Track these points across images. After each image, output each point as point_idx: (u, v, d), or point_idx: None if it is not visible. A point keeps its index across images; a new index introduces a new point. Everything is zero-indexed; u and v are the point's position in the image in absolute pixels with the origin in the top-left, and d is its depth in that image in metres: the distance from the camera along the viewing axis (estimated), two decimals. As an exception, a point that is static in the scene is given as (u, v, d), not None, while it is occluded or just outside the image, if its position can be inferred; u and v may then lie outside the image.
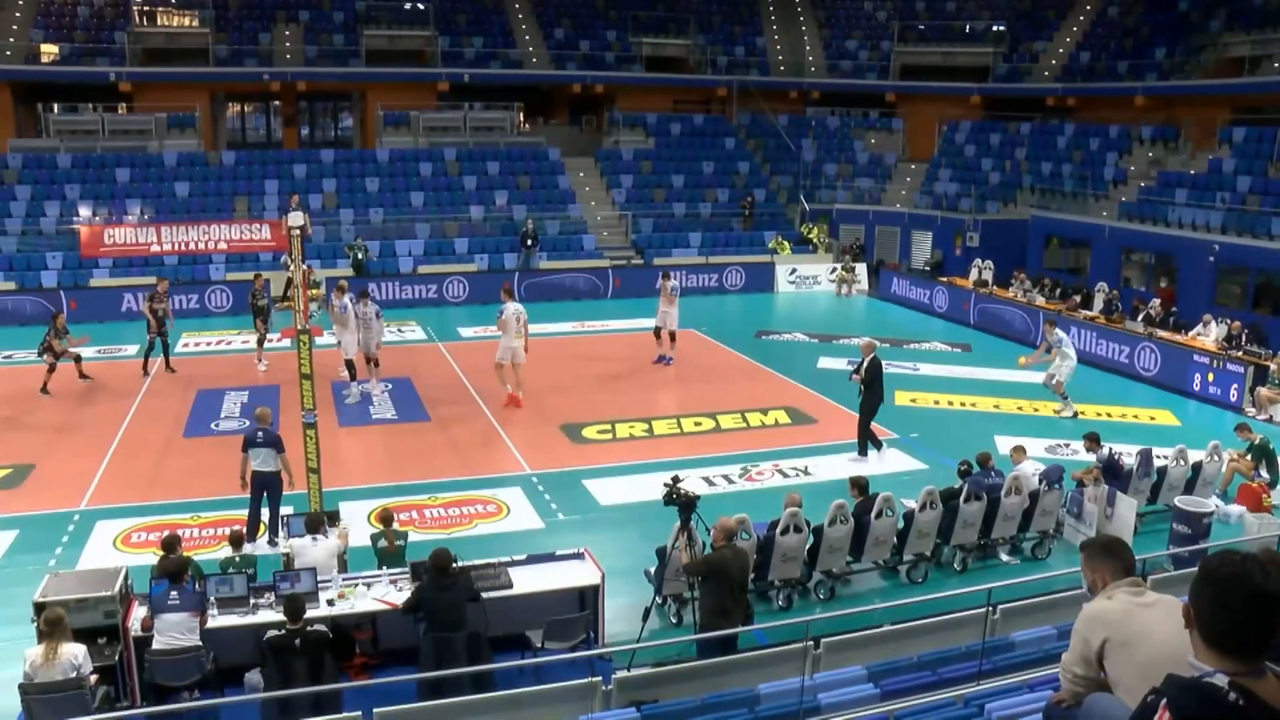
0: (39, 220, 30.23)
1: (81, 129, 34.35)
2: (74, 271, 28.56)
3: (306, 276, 15.14)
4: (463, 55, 37.14)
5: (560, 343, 24.13)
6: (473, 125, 36.73)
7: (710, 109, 40.09)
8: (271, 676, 8.86)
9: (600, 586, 10.13)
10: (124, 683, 9.20)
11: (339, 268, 28.98)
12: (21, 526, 13.47)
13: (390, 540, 11.08)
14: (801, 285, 31.88)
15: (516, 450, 16.45)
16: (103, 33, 35.38)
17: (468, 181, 34.03)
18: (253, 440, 12.40)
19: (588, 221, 33.67)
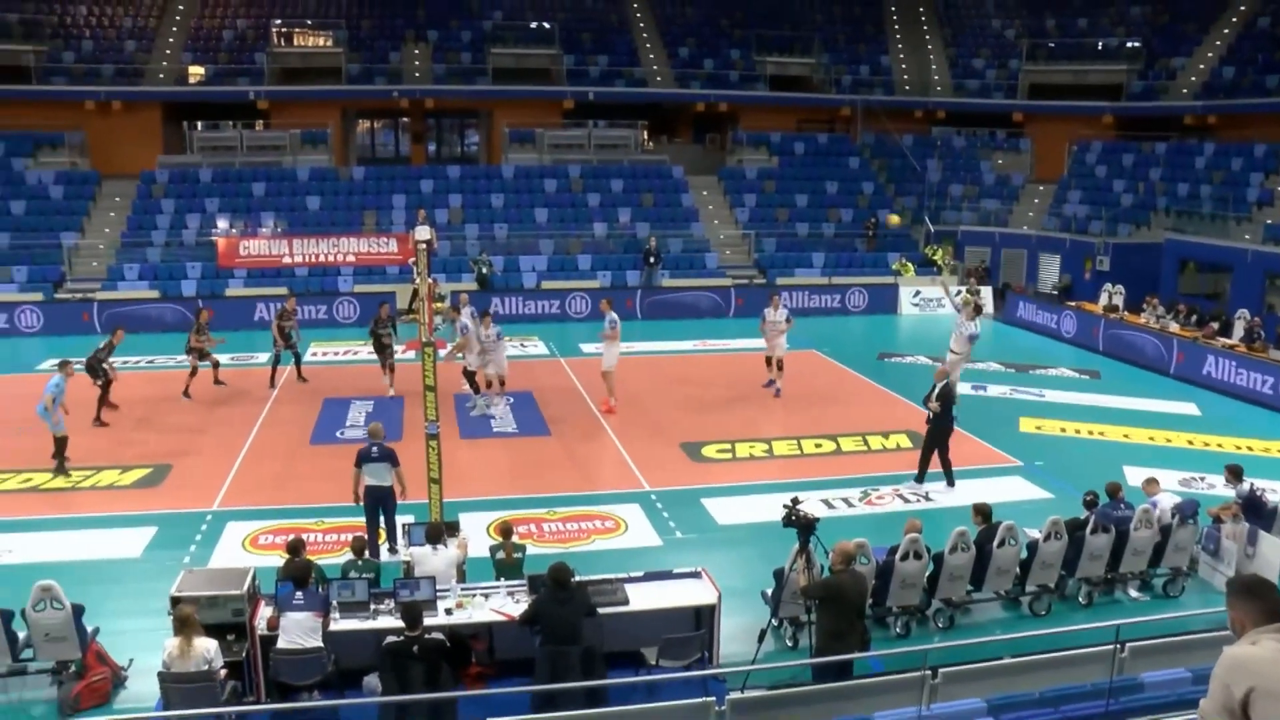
0: (181, 232, 31.52)
1: (222, 145, 35.80)
2: (211, 281, 29.71)
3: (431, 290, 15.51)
4: (587, 74, 37.59)
5: (681, 361, 24.17)
6: (597, 143, 37.16)
7: (834, 128, 39.83)
8: (389, 681, 9.01)
9: (716, 606, 10.05)
10: (250, 678, 9.49)
11: (464, 282, 29.52)
12: (160, 524, 14.06)
13: (509, 552, 11.20)
14: (925, 308, 31.38)
15: (636, 467, 16.50)
16: (244, 54, 36.83)
17: (591, 198, 34.39)
18: (367, 456, 12.56)
19: (710, 240, 33.68)
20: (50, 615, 9.61)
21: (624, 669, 9.77)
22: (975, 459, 16.96)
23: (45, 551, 13.09)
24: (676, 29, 40.49)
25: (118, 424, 18.78)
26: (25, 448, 16.99)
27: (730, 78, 38.58)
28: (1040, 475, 16.18)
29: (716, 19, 41.03)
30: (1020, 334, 28.76)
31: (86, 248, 31.16)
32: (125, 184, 33.38)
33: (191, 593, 9.48)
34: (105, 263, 30.53)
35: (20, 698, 9.78)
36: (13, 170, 33.22)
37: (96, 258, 30.89)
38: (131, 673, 10.03)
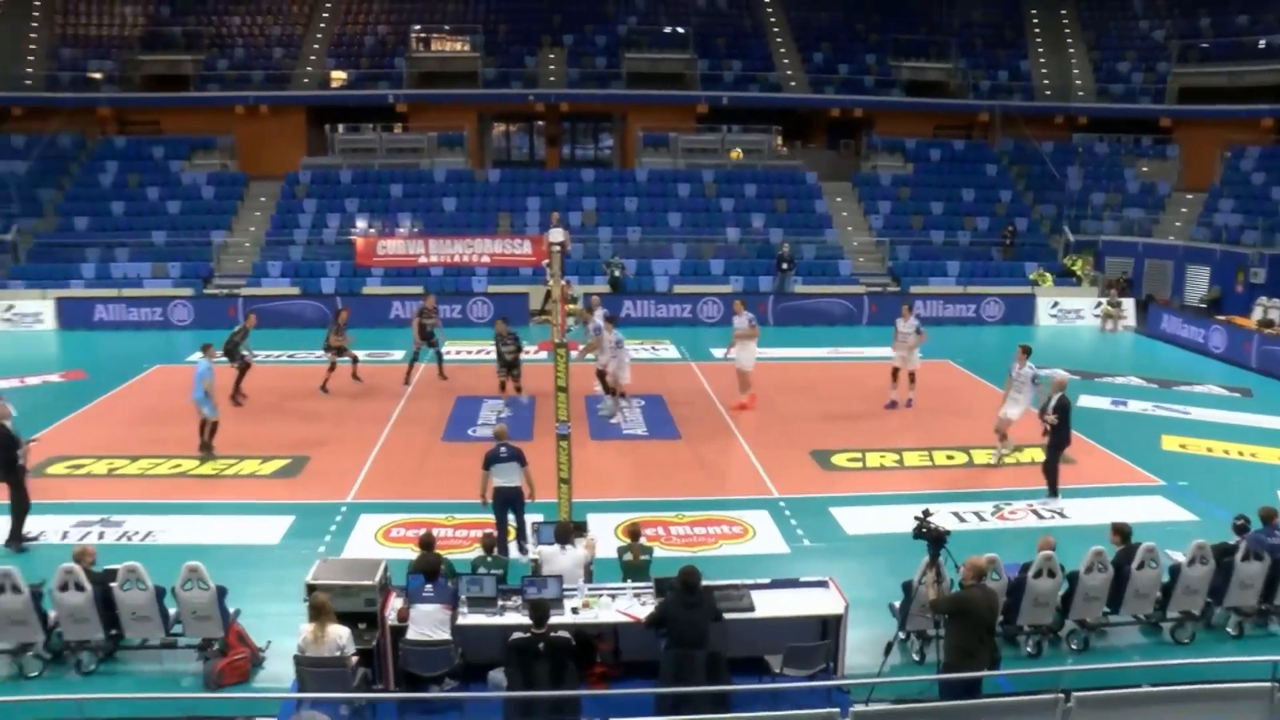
0: (322, 231, 32.55)
1: (362, 147, 36.87)
2: (349, 279, 30.59)
3: (565, 292, 15.70)
4: (722, 78, 37.55)
5: (813, 368, 23.97)
6: (730, 147, 37.05)
7: (971, 134, 38.99)
8: (514, 677, 9.11)
9: (843, 616, 9.92)
10: (379, 667, 9.72)
11: (596, 284, 29.79)
12: (297, 513, 14.52)
13: (636, 554, 11.24)
14: (1063, 319, 30.48)
15: (765, 473, 16.39)
16: (384, 59, 37.84)
17: (725, 203, 34.35)
18: (496, 457, 12.65)
19: (844, 247, 33.32)
20: (197, 595, 10.07)
21: (748, 675, 9.69)
22: (1113, 476, 16.40)
23: (192, 534, 13.68)
24: (811, 33, 40.18)
25: (259, 415, 19.47)
26: (175, 436, 17.76)
27: (865, 83, 38.12)
28: (1184, 496, 15.52)
29: (852, 23, 40.64)
30: (1164, 348, 27.70)
31: (234, 245, 32.46)
32: (271, 185, 34.70)
33: (326, 581, 9.76)
34: (250, 260, 31.75)
35: (171, 669, 10.28)
36: (170, 172, 34.91)
37: (243, 255, 32.14)
38: (269, 654, 10.40)
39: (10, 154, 35.03)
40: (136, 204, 33.69)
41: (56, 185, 34.55)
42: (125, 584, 10.14)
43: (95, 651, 10.32)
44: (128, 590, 10.15)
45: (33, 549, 13.18)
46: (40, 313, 28.93)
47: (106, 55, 37.68)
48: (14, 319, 28.80)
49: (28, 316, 28.86)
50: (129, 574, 10.14)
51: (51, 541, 13.40)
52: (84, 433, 18.42)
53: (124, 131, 37.45)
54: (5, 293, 29.66)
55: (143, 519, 14.20)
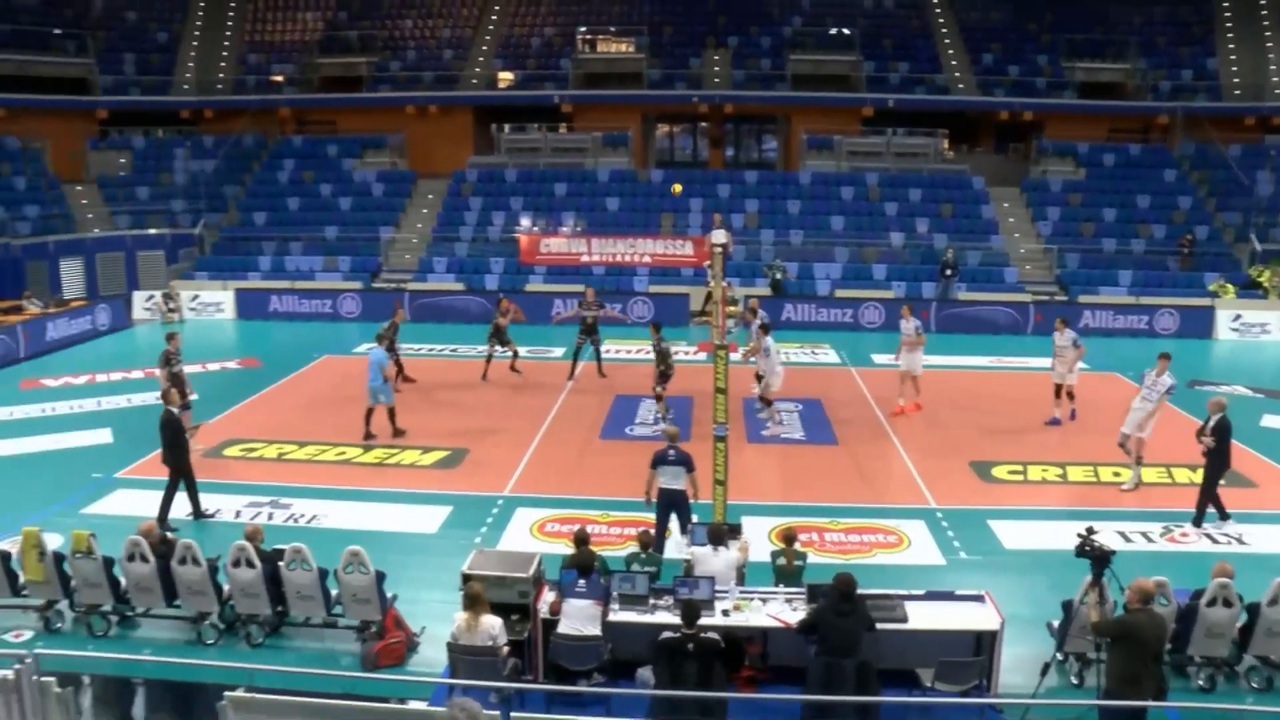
0: (486, 229, 33.29)
1: (527, 147, 37.57)
2: (513, 276, 31.22)
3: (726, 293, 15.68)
4: (887, 80, 36.92)
5: (974, 376, 23.36)
6: (895, 150, 36.45)
7: (1149, 138, 37.29)
8: (662, 675, 9.15)
9: (999, 633, 9.64)
10: (530, 658, 9.89)
11: (757, 287, 29.70)
12: (455, 504, 14.91)
13: (790, 559, 11.15)
14: (1246, 333, 28.96)
15: (922, 482, 16.08)
16: (550, 60, 38.48)
17: (889, 207, 33.79)
18: (663, 459, 12.62)
19: (1010, 254, 32.37)
20: (357, 578, 10.45)
21: (898, 688, 9.53)
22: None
23: (355, 519, 14.21)
24: (981, 34, 39.16)
25: (421, 407, 20.04)
26: (340, 424, 18.53)
27: (1036, 85, 36.94)
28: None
29: (1023, 23, 39.44)
30: (1360, 367, 26.04)
31: (401, 241, 33.52)
32: (438, 182, 35.70)
33: (481, 572, 9.98)
34: (417, 255, 32.73)
35: (330, 648, 10.73)
36: (342, 170, 36.32)
37: (409, 250, 33.15)
38: (423, 639, 10.70)
39: (201, 153, 37.25)
40: (311, 200, 35.21)
41: (239, 182, 36.50)
42: (291, 564, 10.62)
43: (263, 625, 10.88)
44: (294, 570, 10.63)
45: (210, 525, 13.90)
46: (221, 302, 30.58)
47: (288, 59, 39.55)
48: (198, 308, 30.55)
49: (210, 306, 30.57)
50: (295, 554, 10.61)
51: (226, 520, 14.14)
52: (257, 418, 19.33)
53: (302, 131, 39.30)
54: (191, 283, 31.42)
55: (309, 502, 14.84)
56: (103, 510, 14.60)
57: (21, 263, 31.13)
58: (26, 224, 32.21)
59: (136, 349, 26.55)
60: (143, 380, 21.73)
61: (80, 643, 10.84)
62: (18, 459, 17.16)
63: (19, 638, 10.96)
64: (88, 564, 10.95)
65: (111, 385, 22.05)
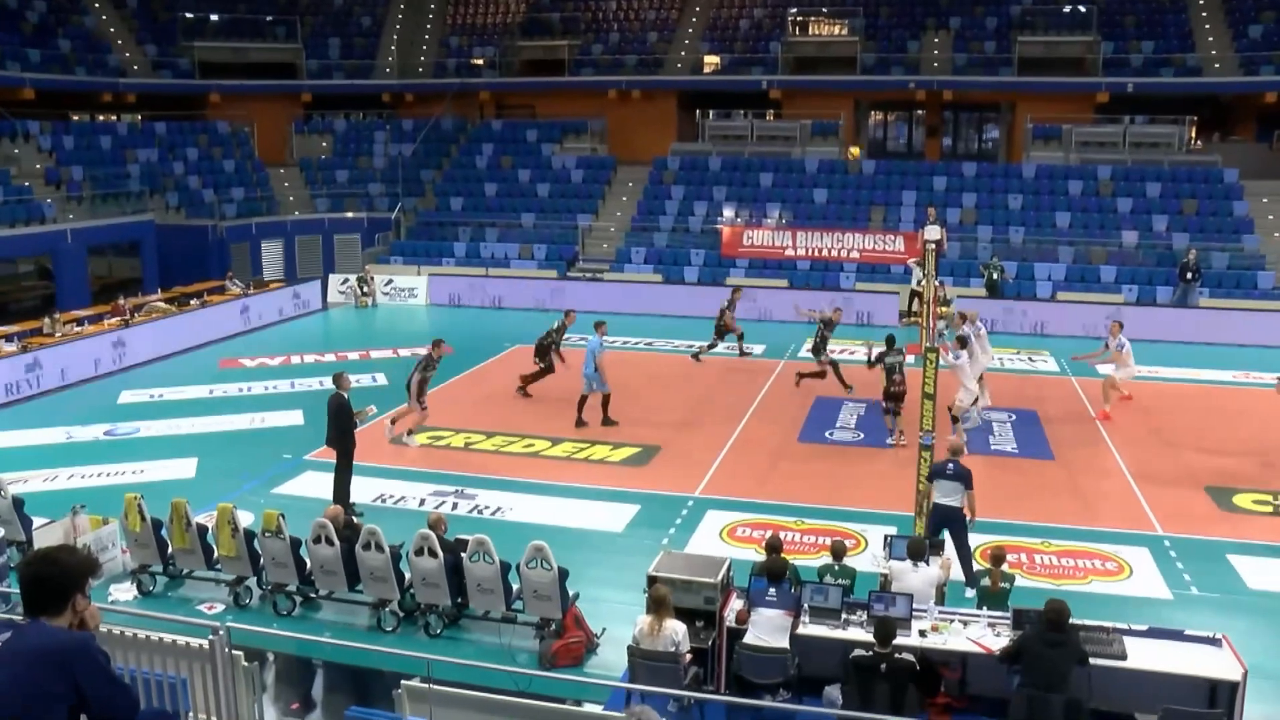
0: (687, 219, 33.55)
1: (732, 134, 37.56)
2: (713, 269, 31.34)
3: (939, 293, 15.34)
4: (1128, 62, 35.31)
5: (1217, 392, 22.08)
6: (1133, 140, 34.77)
7: None
8: (850, 695, 9.05)
9: (1240, 684, 9.00)
10: (712, 668, 9.90)
11: (971, 287, 28.95)
12: (643, 503, 15.11)
13: (995, 581, 10.83)
14: None
15: (1148, 506, 15.33)
16: (759, 43, 38.47)
17: (1122, 203, 32.33)
18: (941, 472, 12.38)
19: (1266, 256, 30.39)
20: (540, 574, 10.72)
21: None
22: None
23: (539, 514, 14.58)
24: (1249, 4, 36.48)
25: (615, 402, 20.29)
26: (528, 416, 19.05)
27: (1314, 61, 34.57)
28: None
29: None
30: None
31: (599, 230, 34.14)
32: (638, 170, 36.19)
33: (668, 574, 10.07)
34: (615, 245, 33.24)
35: (510, 643, 11.00)
36: (542, 155, 37.26)
37: (607, 240, 33.72)
38: (604, 641, 10.88)
39: (401, 137, 38.95)
40: (508, 185, 36.26)
41: (437, 167, 37.96)
42: (474, 556, 10.98)
43: (442, 616, 11.29)
44: (475, 562, 10.99)
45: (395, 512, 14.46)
46: (415, 288, 31.82)
47: (490, 42, 40.84)
48: (392, 293, 31.88)
49: (404, 291, 31.83)
50: (478, 546, 10.96)
51: (410, 507, 14.73)
52: (445, 406, 19.94)
53: (501, 115, 40.61)
54: (386, 267, 32.82)
55: (494, 494, 15.32)
56: (292, 491, 15.49)
57: (226, 244, 33.27)
58: (232, 206, 34.40)
59: (330, 332, 27.95)
60: (335, 363, 22.80)
61: (266, 619, 11.50)
62: (214, 436, 18.38)
63: (212, 610, 11.77)
64: (276, 543, 11.66)
65: (305, 367, 23.34)
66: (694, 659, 9.53)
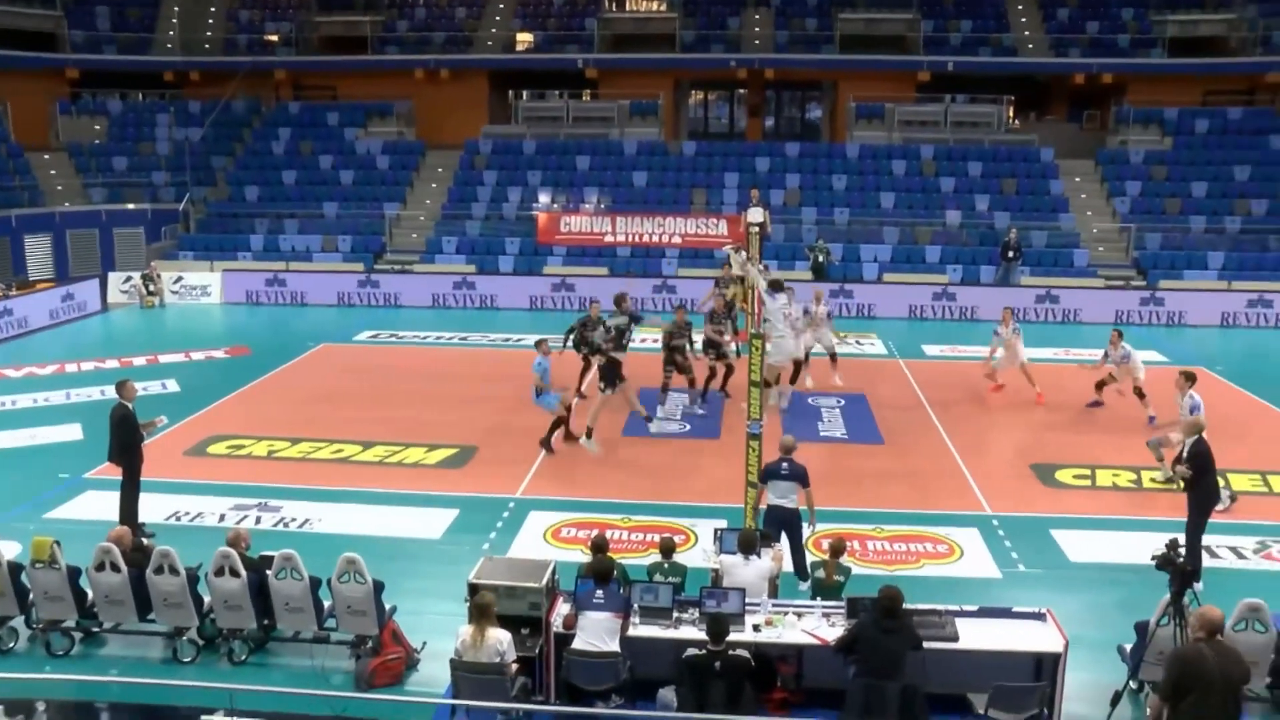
0: (501, 205, 33.43)
1: (547, 115, 37.63)
2: (529, 258, 31.30)
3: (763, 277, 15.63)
4: (948, 41, 36.79)
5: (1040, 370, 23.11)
6: (954, 120, 36.28)
7: (1253, 100, 36.68)
8: (685, 697, 9.16)
9: (1062, 656, 9.55)
10: (541, 677, 9.90)
11: (797, 270, 29.65)
12: (462, 506, 14.96)
13: (830, 573, 11.10)
14: (1356, 322, 28.63)
15: (977, 487, 16.01)
16: (574, 20, 38.59)
17: (945, 183, 33.66)
18: (775, 472, 12.44)
19: (1081, 234, 32.13)
20: (353, 588, 10.50)
21: (948, 714, 9.53)
22: None
23: (351, 524, 14.26)
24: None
25: (427, 402, 20.13)
26: (338, 419, 18.67)
27: (1118, 43, 36.60)
28: None
29: (1106, -27, 39.03)
30: None
31: (408, 219, 33.71)
32: (449, 154, 35.89)
33: (490, 581, 9.99)
34: (425, 235, 32.91)
35: (323, 665, 10.73)
36: (344, 140, 36.59)
37: (417, 229, 33.38)
38: (424, 655, 10.71)
39: (187, 120, 37.52)
40: (308, 173, 35.48)
41: (229, 153, 36.83)
42: (280, 573, 10.67)
43: (247, 641, 10.90)
44: (283, 579, 10.68)
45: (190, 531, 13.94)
46: (208, 285, 30.87)
47: (284, 17, 39.77)
48: (182, 291, 30.83)
49: (195, 289, 30.85)
50: (285, 562, 10.66)
51: (209, 524, 14.21)
52: (245, 412, 19.48)
53: (299, 97, 39.55)
54: (174, 264, 31.69)
55: (301, 505, 14.91)
56: (70, 514, 14.60)
57: (-22, 239, 31.38)
58: (-16, 195, 32.45)
59: (112, 336, 26.84)
60: (118, 370, 21.93)
61: (36, 663, 10.80)
62: (-26, 458, 17.27)
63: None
64: (49, 575, 10.86)
65: (82, 376, 22.20)
66: (521, 668, 9.49)
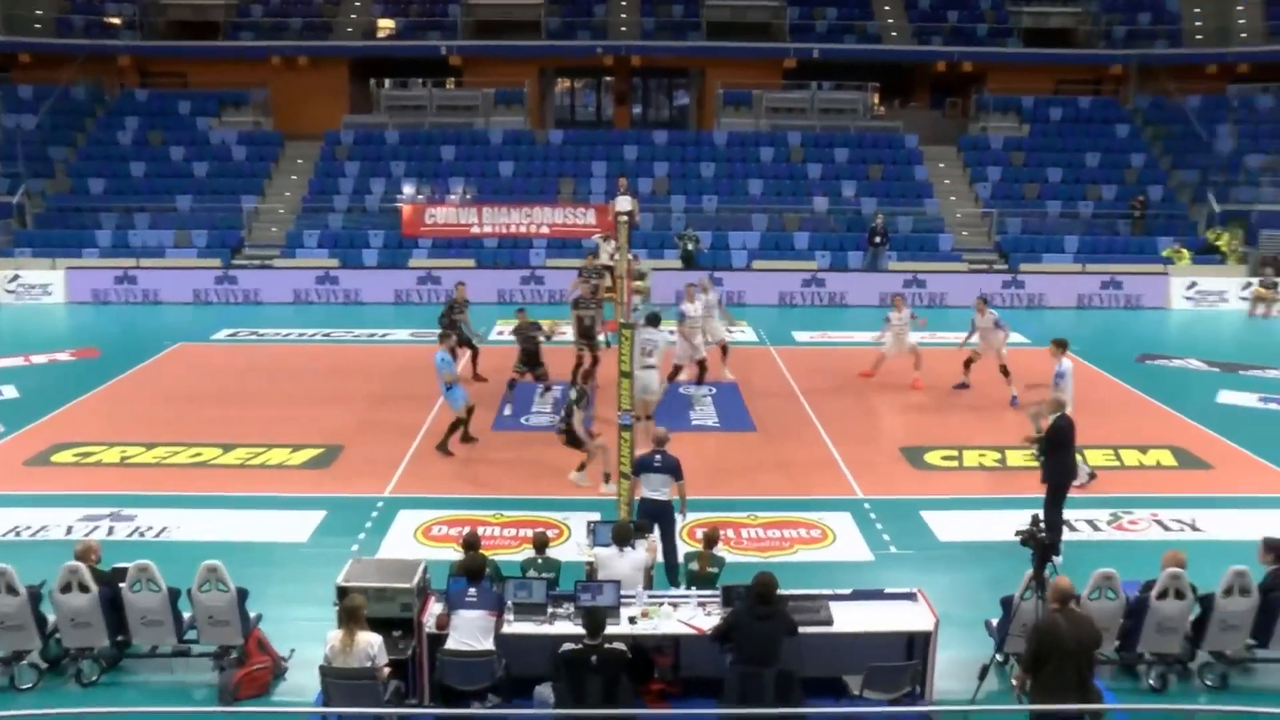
0: (364, 197, 32.96)
1: (410, 104, 37.21)
2: (394, 251, 30.95)
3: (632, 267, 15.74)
4: (813, 29, 37.36)
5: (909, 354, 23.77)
6: (821, 107, 36.89)
7: (1100, 90, 38.26)
8: (563, 693, 9.18)
9: (933, 634, 9.82)
10: (414, 679, 9.81)
11: (666, 259, 29.84)
12: (329, 507, 14.73)
13: (704, 564, 11.17)
14: (1202, 302, 29.92)
15: (849, 471, 16.35)
16: (436, 6, 38.19)
17: (812, 169, 34.21)
18: (649, 465, 12.46)
19: (945, 219, 33.01)
20: (215, 597, 10.23)
21: (823, 697, 9.68)
22: (1260, 485, 16.04)
23: (212, 530, 13.92)
24: (918, -23, 39.65)
25: (291, 400, 19.81)
26: (196, 421, 18.24)
27: (978, 32, 37.64)
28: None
29: (966, -36, 40.07)
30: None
31: (266, 212, 33.03)
32: (309, 145, 35.23)
33: (359, 584, 9.84)
34: (285, 228, 32.26)
35: (184, 680, 10.44)
36: (197, 130, 35.55)
37: (276, 223, 32.70)
38: (292, 663, 10.55)
39: (19, 106, 35.82)
40: (159, 164, 34.35)
41: (69, 143, 35.32)
42: (135, 585, 10.27)
43: (98, 660, 10.45)
44: (138, 592, 10.29)
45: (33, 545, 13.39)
46: (49, 284, 29.64)
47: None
48: (19, 290, 29.53)
49: (35, 288, 29.59)
50: (140, 574, 10.28)
51: (55, 537, 13.64)
52: (95, 417, 18.84)
53: (146, 84, 38.16)
54: (9, 261, 30.38)
55: (157, 513, 14.45)
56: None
57: None
58: None
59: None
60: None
61: None
62: None
63: None
64: None
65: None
66: (393, 672, 9.39)
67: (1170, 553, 10.72)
